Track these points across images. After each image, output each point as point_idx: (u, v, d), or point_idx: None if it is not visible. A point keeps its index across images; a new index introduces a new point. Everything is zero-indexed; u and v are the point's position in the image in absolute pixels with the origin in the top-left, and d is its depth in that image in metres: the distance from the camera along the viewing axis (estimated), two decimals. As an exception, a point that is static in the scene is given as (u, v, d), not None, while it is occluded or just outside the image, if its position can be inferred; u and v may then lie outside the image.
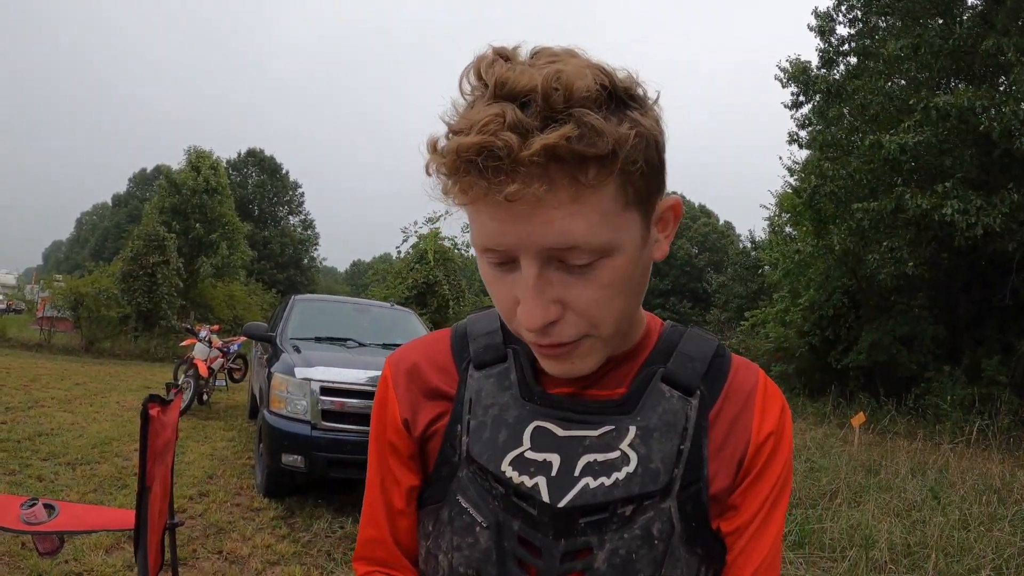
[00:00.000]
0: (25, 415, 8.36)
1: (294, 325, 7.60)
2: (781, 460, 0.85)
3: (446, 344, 0.94)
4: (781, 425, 0.86)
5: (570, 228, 0.67)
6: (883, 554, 4.76)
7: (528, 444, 0.82)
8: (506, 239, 0.70)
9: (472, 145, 0.63)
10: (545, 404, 0.84)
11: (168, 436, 2.34)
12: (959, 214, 12.32)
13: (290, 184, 53.28)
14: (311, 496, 6.09)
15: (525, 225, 0.67)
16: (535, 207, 0.66)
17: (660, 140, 0.72)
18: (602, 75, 0.67)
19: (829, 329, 18.44)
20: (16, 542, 4.23)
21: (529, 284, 0.71)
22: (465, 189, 0.67)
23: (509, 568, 0.80)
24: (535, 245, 0.69)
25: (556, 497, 0.78)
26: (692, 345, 0.87)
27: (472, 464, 0.83)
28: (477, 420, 0.85)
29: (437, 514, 0.86)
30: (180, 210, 29.45)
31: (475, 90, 0.69)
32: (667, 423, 0.81)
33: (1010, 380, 13.66)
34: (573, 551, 0.78)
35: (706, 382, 0.85)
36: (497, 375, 0.87)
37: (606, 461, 0.79)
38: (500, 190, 0.64)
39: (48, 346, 19.46)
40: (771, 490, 0.84)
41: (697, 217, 54.91)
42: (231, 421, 9.97)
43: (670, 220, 0.80)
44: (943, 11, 14.82)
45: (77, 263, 59.64)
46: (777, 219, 24.71)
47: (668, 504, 0.79)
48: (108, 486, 5.81)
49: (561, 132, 0.62)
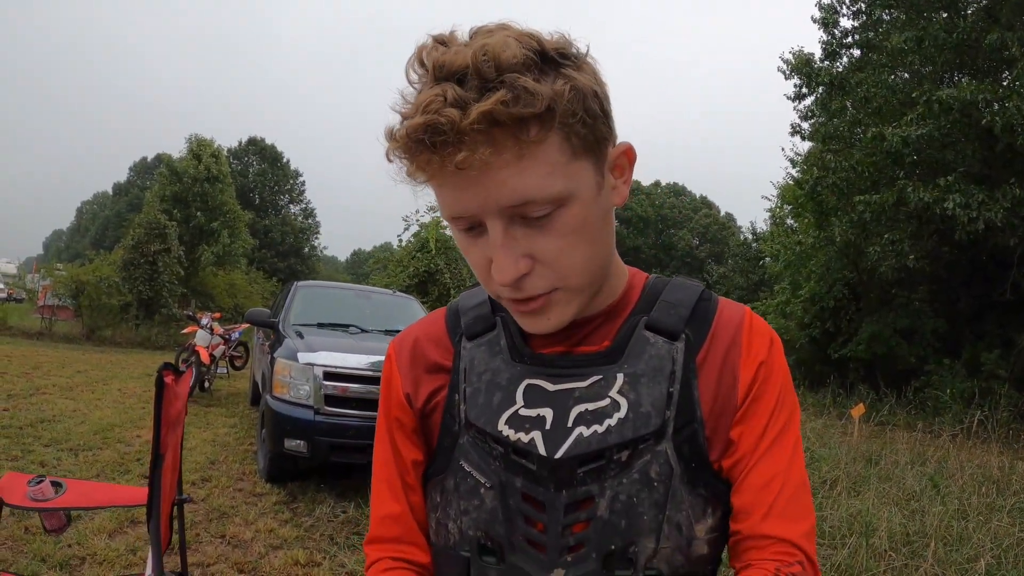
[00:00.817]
0: (27, 402, 8.38)
1: (297, 311, 7.62)
2: (774, 389, 0.85)
3: (441, 320, 0.98)
4: (770, 355, 0.87)
5: (522, 184, 0.72)
6: (883, 542, 4.78)
7: (521, 402, 0.84)
8: (468, 205, 0.74)
9: (419, 125, 0.68)
10: (534, 363, 0.87)
11: (180, 408, 2.35)
12: (961, 208, 12.30)
13: (291, 173, 53.17)
14: (313, 481, 6.12)
15: (481, 189, 0.72)
16: (486, 171, 0.71)
17: (600, 91, 0.76)
18: (530, 40, 0.71)
19: (830, 321, 18.44)
20: (19, 526, 4.25)
21: (497, 243, 0.75)
22: (422, 167, 0.72)
23: (516, 525, 0.81)
24: (494, 205, 0.73)
25: (552, 449, 0.80)
26: (675, 293, 0.90)
27: (471, 429, 0.86)
28: (472, 387, 0.88)
29: (443, 483, 0.89)
30: (181, 198, 29.45)
31: (420, 77, 0.74)
32: (654, 368, 0.83)
33: (1010, 374, 13.67)
34: (575, 501, 0.80)
35: (692, 326, 0.87)
36: (488, 343, 0.91)
37: (597, 409, 0.81)
38: (451, 160, 0.69)
39: (49, 334, 19.48)
40: (769, 419, 0.84)
41: (698, 208, 54.89)
42: (233, 408, 10.00)
43: (625, 165, 0.84)
44: (948, 5, 14.76)
45: (78, 252, 59.64)
46: (779, 211, 24.67)
47: (664, 446, 0.80)
48: (110, 471, 5.83)
49: (495, 98, 0.67)
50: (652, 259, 51.15)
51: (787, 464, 0.83)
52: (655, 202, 53.38)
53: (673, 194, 56.32)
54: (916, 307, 16.85)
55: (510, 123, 0.68)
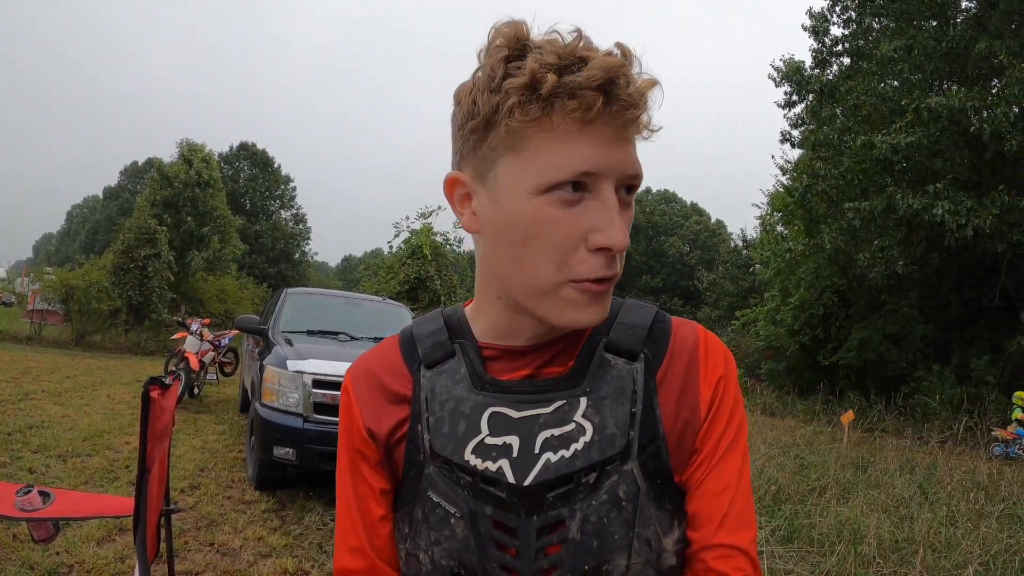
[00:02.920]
0: (16, 408, 8.33)
1: (286, 318, 7.60)
2: (730, 401, 0.88)
3: (397, 349, 0.96)
4: (726, 370, 0.90)
5: (639, 162, 0.80)
6: (871, 549, 4.79)
7: (487, 431, 0.84)
8: (602, 162, 0.77)
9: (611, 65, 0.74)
10: (497, 390, 0.86)
11: (167, 420, 2.35)
12: (950, 215, 12.38)
13: (282, 178, 53.11)
14: (302, 489, 6.09)
15: (619, 152, 0.78)
16: (625, 139, 0.78)
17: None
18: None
19: (819, 328, 18.51)
20: (8, 533, 4.22)
21: (615, 207, 0.79)
22: (588, 106, 0.74)
23: (489, 552, 0.82)
24: (620, 171, 0.79)
25: (521, 476, 0.81)
26: (631, 314, 0.91)
27: (437, 459, 0.86)
28: (435, 416, 0.87)
29: (411, 514, 0.88)
30: (172, 203, 29.39)
31: (538, 59, 0.75)
32: (616, 389, 0.84)
33: (999, 380, 13.74)
34: (547, 526, 0.80)
35: (648, 345, 0.88)
36: (448, 370, 0.90)
37: (563, 434, 0.82)
38: (623, 112, 0.76)
39: (38, 339, 19.37)
40: (724, 429, 0.87)
41: (689, 215, 55.00)
42: (222, 415, 9.95)
43: None
44: (937, 13, 14.88)
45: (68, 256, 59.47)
46: (769, 218, 24.79)
47: (630, 466, 0.82)
48: (99, 478, 5.80)
49: (652, 80, 0.77)
50: (643, 266, 51.24)
51: (738, 473, 0.86)
52: (645, 209, 53.49)
53: (664, 201, 56.47)
54: (905, 313, 16.94)
55: (644, 108, 0.77)
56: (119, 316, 21.08)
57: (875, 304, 17.54)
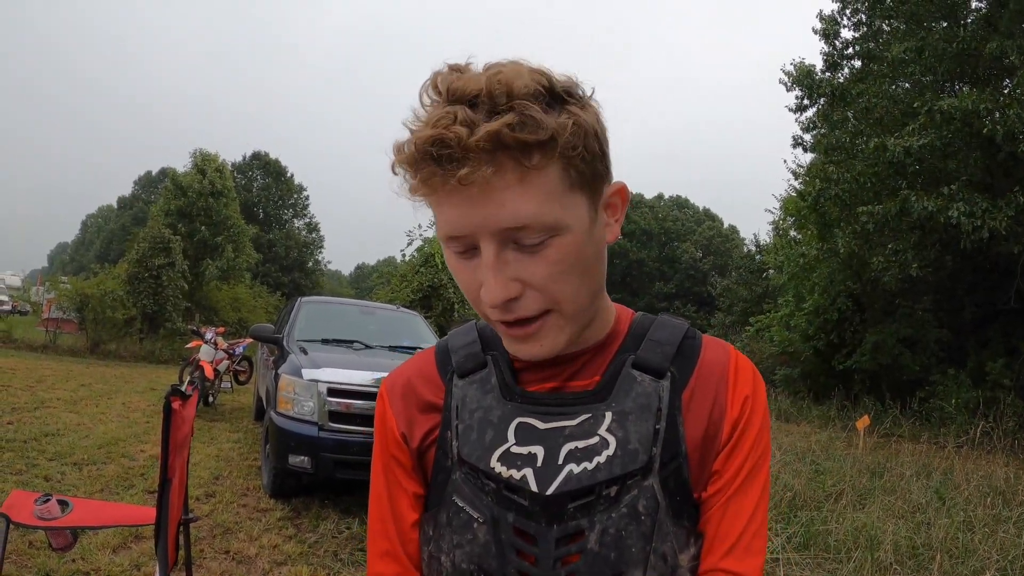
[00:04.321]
0: (31, 415, 8.39)
1: (301, 327, 7.62)
2: (756, 425, 0.89)
3: (432, 359, 1.00)
4: (754, 390, 0.90)
5: (520, 208, 0.74)
6: (888, 555, 4.76)
7: (513, 440, 0.86)
8: (465, 223, 0.76)
9: (427, 138, 0.72)
10: (525, 401, 0.89)
11: (186, 431, 2.37)
12: (965, 216, 12.30)
13: (295, 187, 53.26)
14: (317, 497, 6.11)
15: (481, 209, 0.75)
16: (488, 191, 0.73)
17: (600, 132, 0.80)
18: (541, 76, 0.75)
19: (834, 332, 18.42)
20: (23, 540, 4.24)
21: (489, 264, 0.77)
22: (425, 180, 0.75)
23: (508, 558, 0.83)
24: (491, 227, 0.76)
25: (544, 486, 0.83)
26: (661, 331, 0.92)
27: (464, 465, 0.88)
28: (464, 424, 0.90)
29: (436, 517, 0.90)
30: (185, 213, 29.51)
31: (433, 101, 0.76)
32: (641, 406, 0.85)
33: (1015, 383, 13.64)
34: (566, 535, 0.82)
35: (677, 364, 0.89)
36: (479, 380, 0.93)
37: (587, 447, 0.84)
38: (454, 174, 0.72)
39: (53, 347, 19.47)
40: (748, 454, 0.87)
41: (702, 220, 54.88)
42: (236, 423, 10.00)
43: (618, 205, 0.87)
44: (947, 14, 14.82)
45: (82, 265, 59.76)
46: (782, 223, 24.70)
47: (650, 481, 0.83)
48: (115, 486, 5.83)
49: (503, 120, 0.71)
50: (655, 272, 51.13)
51: (757, 500, 0.87)
52: (658, 215, 53.43)
53: (676, 207, 56.37)
54: (920, 317, 16.83)
55: (515, 147, 0.72)
56: (134, 325, 21.17)
57: (889, 308, 17.44)
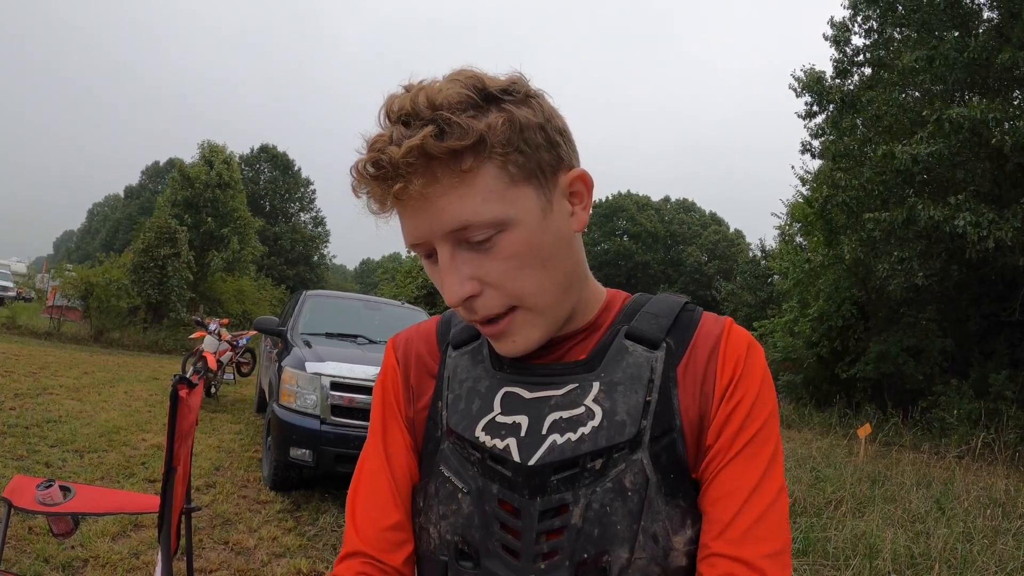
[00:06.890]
0: (34, 402, 8.41)
1: (305, 320, 7.64)
2: (750, 391, 0.84)
3: (433, 328, 1.02)
4: (748, 355, 0.86)
5: (459, 210, 0.77)
6: (887, 564, 4.76)
7: (498, 409, 0.87)
8: (417, 232, 0.81)
9: (364, 161, 0.77)
10: (514, 371, 0.89)
11: (192, 420, 2.38)
12: (971, 226, 12.26)
13: (302, 181, 53.24)
14: (318, 490, 6.13)
15: (425, 217, 0.79)
16: (427, 200, 0.77)
17: (545, 123, 0.81)
18: (473, 81, 0.78)
19: (837, 340, 18.36)
20: (23, 526, 4.26)
21: (445, 265, 0.81)
22: (375, 199, 0.80)
23: (492, 530, 0.83)
24: (439, 231, 0.79)
25: (526, 456, 0.82)
26: (658, 304, 0.92)
27: (451, 435, 0.89)
28: (454, 394, 0.91)
29: (425, 488, 0.91)
30: (192, 203, 29.58)
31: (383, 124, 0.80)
32: (631, 376, 0.84)
33: (1017, 395, 13.60)
34: (550, 509, 0.81)
35: (673, 335, 0.87)
36: (471, 351, 0.94)
37: (571, 417, 0.83)
38: (391, 191, 0.76)
39: (57, 335, 19.51)
40: (743, 422, 0.82)
41: (708, 224, 54.81)
42: (238, 415, 10.02)
43: (582, 191, 0.87)
44: (959, 24, 14.77)
45: (88, 253, 59.82)
46: (788, 228, 24.64)
47: (639, 456, 0.81)
48: (115, 474, 5.85)
49: (422, 133, 0.74)
50: (661, 275, 51.08)
51: (758, 479, 0.81)
52: (664, 218, 53.38)
53: (682, 210, 56.30)
54: (924, 326, 16.78)
55: (443, 155, 0.75)
56: (138, 314, 21.21)
57: (894, 317, 17.39)
